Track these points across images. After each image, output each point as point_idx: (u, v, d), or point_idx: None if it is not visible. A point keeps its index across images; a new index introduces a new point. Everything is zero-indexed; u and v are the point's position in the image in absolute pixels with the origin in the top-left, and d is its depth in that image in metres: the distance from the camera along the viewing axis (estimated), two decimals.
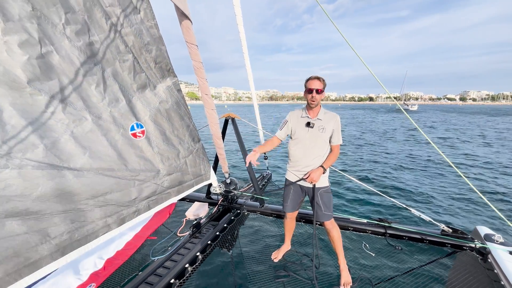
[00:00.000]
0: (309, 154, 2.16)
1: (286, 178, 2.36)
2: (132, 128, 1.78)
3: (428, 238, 2.44)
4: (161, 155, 2.04)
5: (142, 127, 1.86)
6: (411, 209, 2.62)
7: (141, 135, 1.85)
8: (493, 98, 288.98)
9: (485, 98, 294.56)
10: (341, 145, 2.21)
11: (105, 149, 1.58)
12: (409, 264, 2.57)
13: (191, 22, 2.08)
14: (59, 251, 1.37)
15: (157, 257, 2.29)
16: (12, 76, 1.13)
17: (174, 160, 2.16)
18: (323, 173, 2.09)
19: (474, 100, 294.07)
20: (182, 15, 2.02)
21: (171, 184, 2.16)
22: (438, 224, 2.45)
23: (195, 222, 2.71)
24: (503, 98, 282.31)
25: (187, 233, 2.62)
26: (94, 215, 1.55)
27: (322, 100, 2.15)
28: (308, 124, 2.14)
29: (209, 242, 2.44)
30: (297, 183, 2.26)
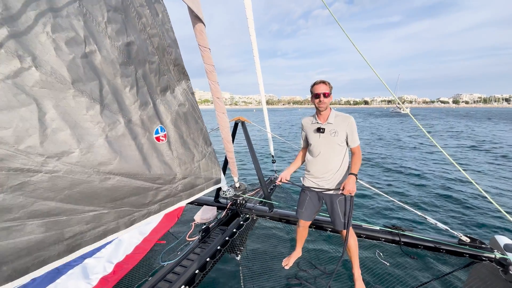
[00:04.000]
0: (325, 160, 2.12)
1: (302, 184, 2.31)
2: (157, 132, 1.73)
3: (445, 247, 2.29)
4: (179, 159, 1.99)
5: (164, 130, 1.81)
6: (426, 216, 2.45)
7: (163, 139, 1.80)
8: (485, 101, 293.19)
9: (477, 101, 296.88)
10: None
11: (133, 153, 1.52)
12: (425, 274, 2.44)
13: (204, 25, 2.08)
14: (67, 250, 1.30)
15: (167, 262, 2.22)
16: (59, 76, 1.05)
17: (189, 164, 2.13)
18: (356, 180, 1.99)
19: (466, 102, 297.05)
20: (196, 18, 2.02)
21: (184, 187, 2.11)
22: (455, 233, 2.30)
23: (204, 226, 2.65)
24: (495, 101, 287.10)
25: (196, 237, 2.56)
26: (108, 217, 1.48)
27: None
28: (318, 130, 2.10)
29: (218, 247, 2.40)
30: (315, 190, 2.21)
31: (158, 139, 1.75)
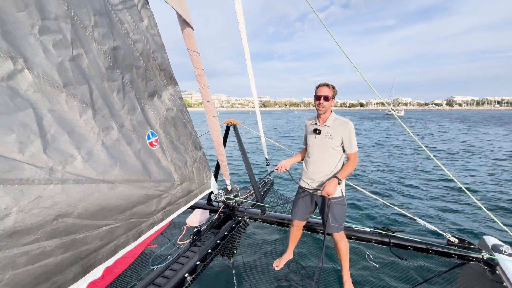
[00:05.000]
0: (318, 161, 2.13)
1: (298, 184, 2.34)
2: (149, 137, 1.70)
3: (434, 248, 2.31)
4: (174, 164, 1.97)
5: (155, 135, 1.78)
6: (415, 217, 2.47)
7: (156, 144, 1.77)
8: (478, 103, 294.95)
9: (470, 103, 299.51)
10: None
11: (131, 159, 1.48)
12: (414, 275, 2.44)
13: (193, 30, 2.09)
14: (82, 271, 1.24)
15: (156, 266, 2.20)
16: (50, 79, 1.01)
17: (184, 169, 2.10)
18: (339, 184, 1.99)
19: (460, 105, 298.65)
20: (184, 23, 2.04)
21: (182, 193, 2.08)
22: (444, 233, 2.32)
23: (196, 229, 2.61)
24: (487, 103, 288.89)
25: (187, 241, 2.52)
26: (120, 231, 1.43)
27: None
28: (315, 131, 2.13)
29: (209, 250, 2.37)
30: (307, 190, 2.23)
31: (151, 144, 1.71)
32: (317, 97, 2.06)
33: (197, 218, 2.87)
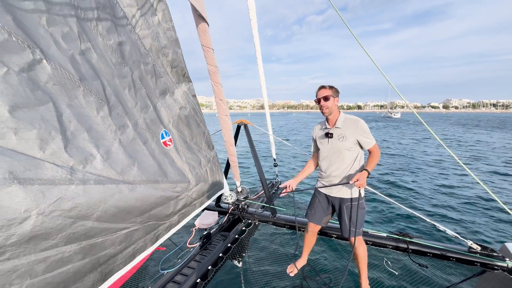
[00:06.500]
0: (335, 164, 2.08)
1: (315, 187, 2.29)
2: (162, 136, 1.62)
3: (455, 255, 2.19)
4: (189, 164, 1.89)
5: (169, 135, 1.71)
6: (435, 223, 2.37)
7: (170, 143, 1.70)
8: (473, 106, 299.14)
9: (466, 106, 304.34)
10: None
11: (148, 159, 1.41)
12: (434, 284, 2.33)
13: (208, 24, 2.01)
14: (101, 279, 1.16)
15: (167, 271, 2.13)
16: (67, 72, 0.95)
17: (198, 169, 2.03)
18: (367, 176, 1.91)
19: (456, 108, 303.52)
20: (200, 18, 1.96)
21: (197, 195, 2.01)
22: (465, 240, 2.21)
23: (206, 232, 2.52)
24: (483, 106, 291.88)
25: (197, 244, 2.44)
26: (138, 234, 1.36)
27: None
28: (327, 135, 2.08)
29: (220, 254, 2.29)
30: (324, 193, 2.22)
31: (165, 144, 1.64)
32: (318, 101, 2.02)
33: (206, 220, 2.78)
